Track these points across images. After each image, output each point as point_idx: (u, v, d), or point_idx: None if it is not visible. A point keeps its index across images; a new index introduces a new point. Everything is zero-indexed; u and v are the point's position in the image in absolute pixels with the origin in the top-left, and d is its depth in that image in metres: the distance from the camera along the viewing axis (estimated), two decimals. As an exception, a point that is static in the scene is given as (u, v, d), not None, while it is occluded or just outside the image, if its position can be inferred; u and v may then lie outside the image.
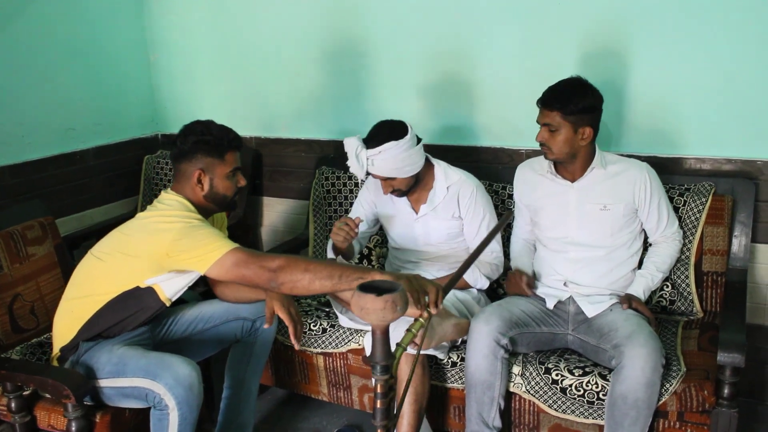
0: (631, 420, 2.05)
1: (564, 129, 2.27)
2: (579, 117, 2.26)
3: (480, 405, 2.25)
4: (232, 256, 1.95)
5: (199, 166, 2.11)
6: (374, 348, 1.58)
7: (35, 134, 3.16)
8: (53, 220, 2.57)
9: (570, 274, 2.41)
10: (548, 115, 2.28)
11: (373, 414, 1.62)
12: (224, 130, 2.15)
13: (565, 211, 2.41)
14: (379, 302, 1.50)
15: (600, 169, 2.36)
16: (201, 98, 3.61)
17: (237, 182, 2.18)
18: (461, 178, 2.55)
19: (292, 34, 3.27)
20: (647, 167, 2.37)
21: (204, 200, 2.15)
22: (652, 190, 2.35)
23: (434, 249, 2.61)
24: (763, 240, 2.56)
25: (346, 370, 2.58)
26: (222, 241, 1.98)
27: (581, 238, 2.39)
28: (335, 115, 3.29)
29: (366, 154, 2.38)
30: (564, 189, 2.41)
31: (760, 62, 2.43)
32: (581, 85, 2.30)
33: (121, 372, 2.02)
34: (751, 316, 2.59)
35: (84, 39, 3.36)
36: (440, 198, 2.53)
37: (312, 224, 3.15)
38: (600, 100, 2.32)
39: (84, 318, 2.11)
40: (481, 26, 2.84)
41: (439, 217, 2.55)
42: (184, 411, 1.98)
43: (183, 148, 2.12)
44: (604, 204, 2.35)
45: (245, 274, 1.94)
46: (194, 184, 2.12)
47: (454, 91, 2.97)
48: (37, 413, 2.14)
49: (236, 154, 2.17)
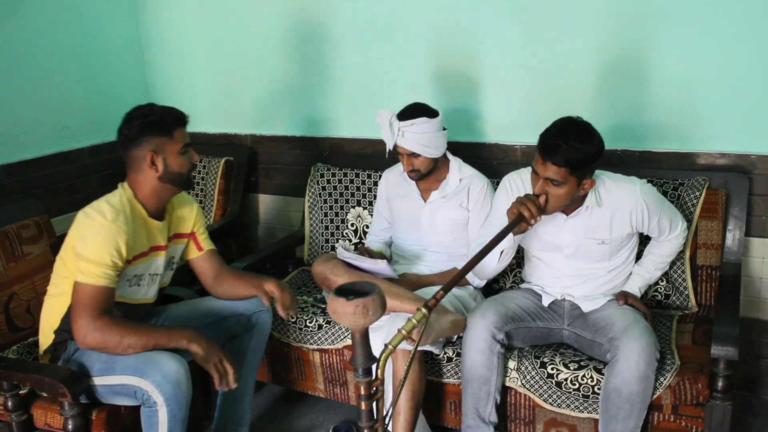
0: (625, 413, 2.05)
1: (569, 184, 2.10)
2: (585, 170, 2.11)
3: (476, 400, 2.25)
4: (88, 289, 1.99)
5: (150, 148, 2.08)
6: (354, 351, 1.57)
7: (30, 133, 3.15)
8: (49, 219, 2.57)
9: (566, 290, 2.38)
10: (552, 170, 2.07)
11: (358, 415, 1.62)
12: (167, 109, 2.13)
13: (559, 240, 2.32)
14: (349, 306, 1.49)
15: (595, 207, 2.25)
16: (196, 96, 3.61)
17: (190, 158, 2.16)
18: (474, 173, 2.63)
19: (286, 32, 3.27)
20: (642, 190, 2.24)
21: (160, 182, 2.13)
22: (650, 214, 2.25)
23: (437, 239, 2.64)
24: (756, 234, 2.57)
25: (342, 366, 2.59)
26: (99, 268, 1.99)
27: (577, 264, 2.34)
28: (331, 112, 3.29)
29: (399, 125, 2.45)
30: (557, 221, 2.30)
31: (754, 57, 2.44)
32: (588, 134, 2.10)
33: (110, 369, 2.03)
34: (745, 310, 2.60)
35: (79, 38, 3.35)
36: (452, 188, 2.60)
37: (307, 222, 3.15)
38: (603, 145, 2.13)
39: (58, 316, 2.14)
40: (478, 20, 2.84)
41: (447, 205, 2.60)
42: (172, 407, 1.98)
43: (129, 133, 2.08)
44: (602, 239, 2.28)
45: (74, 319, 2.00)
46: (147, 167, 2.09)
47: (449, 87, 2.97)
48: (34, 412, 2.15)
49: (184, 130, 2.14)
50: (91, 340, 1.98)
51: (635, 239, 2.38)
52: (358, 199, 3.05)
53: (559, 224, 2.30)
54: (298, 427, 2.74)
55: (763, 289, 2.61)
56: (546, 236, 2.34)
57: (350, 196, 3.06)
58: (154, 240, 2.19)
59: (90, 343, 1.99)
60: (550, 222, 2.30)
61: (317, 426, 2.73)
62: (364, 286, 1.59)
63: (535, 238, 2.36)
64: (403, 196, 2.71)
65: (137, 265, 2.14)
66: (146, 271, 2.20)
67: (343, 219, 3.07)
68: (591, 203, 2.25)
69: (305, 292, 2.82)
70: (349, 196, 3.06)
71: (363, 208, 3.03)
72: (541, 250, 2.39)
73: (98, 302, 1.99)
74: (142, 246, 2.13)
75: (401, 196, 2.72)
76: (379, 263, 2.44)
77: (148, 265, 2.19)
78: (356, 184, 3.05)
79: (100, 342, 1.98)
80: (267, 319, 2.41)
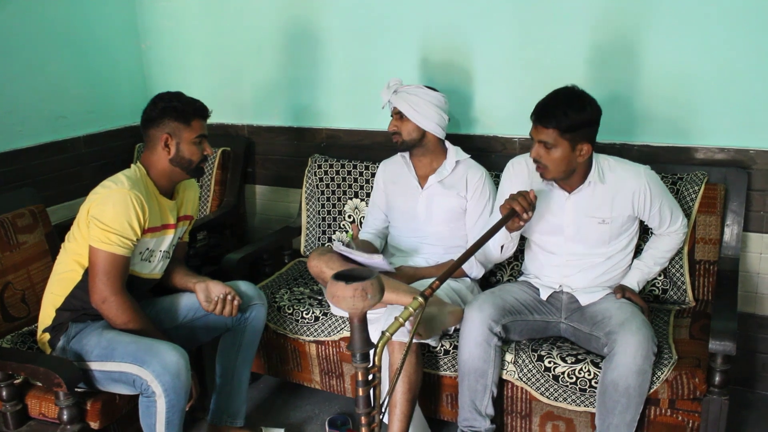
0: (622, 407, 2.05)
1: (561, 147, 2.14)
2: (577, 134, 2.13)
3: (473, 393, 2.25)
4: (107, 256, 2.06)
5: (166, 130, 2.18)
6: (352, 335, 1.57)
7: (26, 122, 3.13)
8: (44, 208, 2.56)
9: (565, 279, 2.38)
10: (544, 132, 2.14)
11: (356, 402, 1.62)
12: (192, 100, 2.24)
13: (560, 220, 2.34)
14: (348, 290, 1.49)
15: (598, 183, 2.27)
16: (192, 86, 3.55)
17: (203, 149, 2.25)
18: (472, 161, 2.65)
19: (284, 22, 3.25)
20: (646, 173, 2.28)
21: (170, 164, 2.22)
22: (652, 198, 2.27)
23: (434, 229, 2.63)
24: (754, 229, 2.57)
25: (338, 358, 2.58)
26: (120, 238, 2.06)
27: (577, 248, 2.35)
28: (328, 103, 3.27)
29: (397, 85, 2.59)
30: (560, 199, 2.33)
31: (753, 51, 2.43)
32: (578, 98, 2.16)
33: (109, 356, 2.03)
34: (743, 305, 2.61)
35: (75, 27, 3.32)
36: (449, 171, 2.61)
37: (304, 213, 3.14)
38: (598, 112, 2.18)
39: (63, 295, 2.17)
40: (475, 12, 2.82)
41: (444, 193, 2.59)
42: (171, 398, 1.99)
43: (151, 114, 2.20)
44: (603, 218, 2.29)
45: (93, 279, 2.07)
46: (161, 149, 2.19)
47: (446, 79, 2.95)
48: (29, 401, 2.14)
49: (203, 122, 2.24)
50: (106, 309, 2.08)
51: (635, 228, 2.38)
52: (355, 190, 3.03)
53: (561, 202, 2.32)
54: (294, 418, 2.73)
55: (760, 284, 2.61)
56: (548, 215, 2.35)
57: (347, 188, 3.04)
58: (165, 217, 2.25)
59: (103, 310, 2.09)
60: (553, 200, 2.33)
61: (313, 418, 2.73)
62: (362, 272, 1.59)
63: (537, 219, 2.36)
64: (400, 183, 2.70)
65: (151, 238, 2.19)
66: (157, 248, 2.25)
67: (340, 210, 3.06)
68: (594, 179, 2.26)
69: (302, 284, 2.81)
70: (346, 188, 3.04)
71: (360, 199, 3.02)
72: (542, 233, 2.39)
73: (118, 272, 2.08)
74: (155, 220, 2.19)
75: (398, 184, 2.71)
76: (375, 257, 2.43)
77: (159, 241, 2.24)
78: (353, 175, 3.03)
79: (111, 315, 2.09)
80: (261, 311, 2.41)
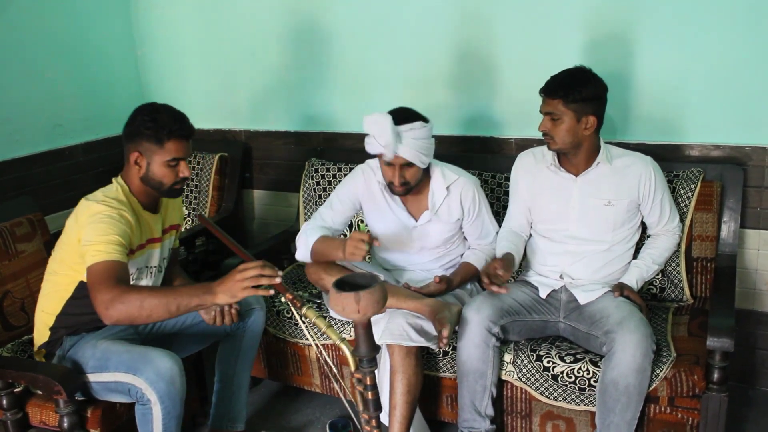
0: (622, 406, 2.06)
1: (566, 118, 2.23)
2: (582, 105, 2.22)
3: (472, 393, 2.25)
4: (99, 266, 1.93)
5: (138, 149, 2.09)
6: (357, 341, 1.58)
7: (23, 131, 3.14)
8: (42, 217, 2.56)
9: (566, 267, 2.40)
10: (550, 104, 2.24)
11: (365, 405, 1.63)
12: (173, 119, 2.08)
13: (566, 204, 2.37)
14: (354, 301, 1.51)
15: (605, 164, 2.32)
16: (189, 92, 3.59)
17: (178, 172, 2.12)
18: (460, 178, 2.46)
19: (280, 27, 3.26)
20: (652, 162, 2.35)
21: (141, 182, 2.14)
22: (656, 186, 2.33)
23: (428, 254, 2.55)
24: (751, 225, 2.58)
25: (338, 361, 2.58)
26: (108, 246, 1.96)
27: (581, 233, 2.37)
28: (325, 107, 3.28)
29: (398, 129, 2.24)
30: (567, 183, 2.37)
31: (749, 49, 2.44)
32: (584, 73, 2.27)
33: (104, 366, 2.02)
34: (740, 301, 2.61)
35: (71, 34, 3.33)
36: (440, 200, 2.44)
37: (302, 217, 3.14)
38: (604, 89, 2.28)
39: (54, 313, 2.14)
40: (473, 16, 2.83)
41: (440, 221, 2.48)
42: (167, 405, 1.98)
43: (127, 128, 2.10)
44: (609, 200, 2.33)
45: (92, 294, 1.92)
46: (132, 164, 2.11)
47: (442, 82, 2.96)
48: (29, 410, 2.14)
49: (181, 143, 2.09)
50: (114, 312, 1.86)
51: (637, 222, 2.40)
52: (353, 194, 3.03)
53: (568, 186, 2.36)
54: (294, 422, 2.73)
55: (758, 281, 2.61)
56: (554, 202, 2.39)
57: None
58: (149, 232, 2.20)
59: (114, 315, 1.86)
60: (561, 183, 2.38)
61: (314, 421, 2.73)
62: (364, 278, 1.60)
63: (544, 203, 2.42)
64: (385, 215, 2.51)
65: (136, 258, 2.14)
66: (144, 264, 2.20)
67: (338, 214, 3.05)
68: (602, 159, 2.33)
69: (300, 288, 2.81)
70: (343, 191, 3.04)
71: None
72: (546, 221, 2.43)
73: (113, 274, 1.92)
74: (138, 239, 2.14)
75: (383, 214, 2.52)
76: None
77: (146, 257, 2.20)
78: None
79: (123, 312, 1.85)
80: (260, 316, 2.41)
